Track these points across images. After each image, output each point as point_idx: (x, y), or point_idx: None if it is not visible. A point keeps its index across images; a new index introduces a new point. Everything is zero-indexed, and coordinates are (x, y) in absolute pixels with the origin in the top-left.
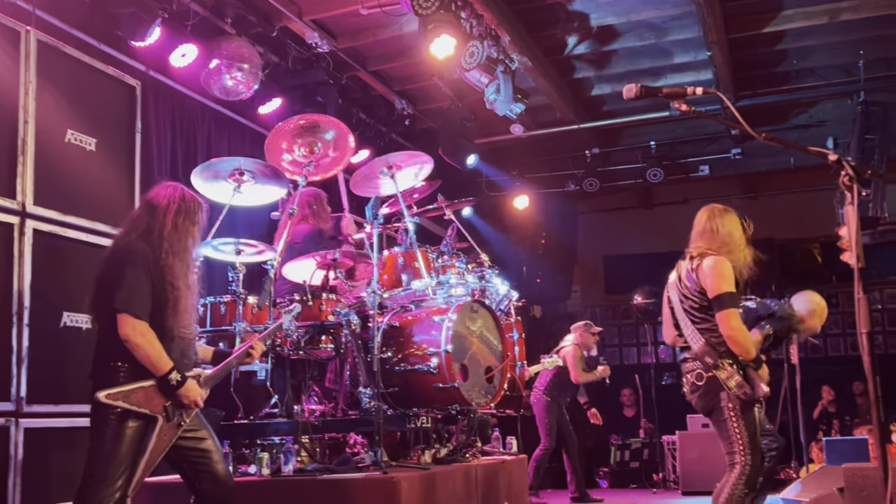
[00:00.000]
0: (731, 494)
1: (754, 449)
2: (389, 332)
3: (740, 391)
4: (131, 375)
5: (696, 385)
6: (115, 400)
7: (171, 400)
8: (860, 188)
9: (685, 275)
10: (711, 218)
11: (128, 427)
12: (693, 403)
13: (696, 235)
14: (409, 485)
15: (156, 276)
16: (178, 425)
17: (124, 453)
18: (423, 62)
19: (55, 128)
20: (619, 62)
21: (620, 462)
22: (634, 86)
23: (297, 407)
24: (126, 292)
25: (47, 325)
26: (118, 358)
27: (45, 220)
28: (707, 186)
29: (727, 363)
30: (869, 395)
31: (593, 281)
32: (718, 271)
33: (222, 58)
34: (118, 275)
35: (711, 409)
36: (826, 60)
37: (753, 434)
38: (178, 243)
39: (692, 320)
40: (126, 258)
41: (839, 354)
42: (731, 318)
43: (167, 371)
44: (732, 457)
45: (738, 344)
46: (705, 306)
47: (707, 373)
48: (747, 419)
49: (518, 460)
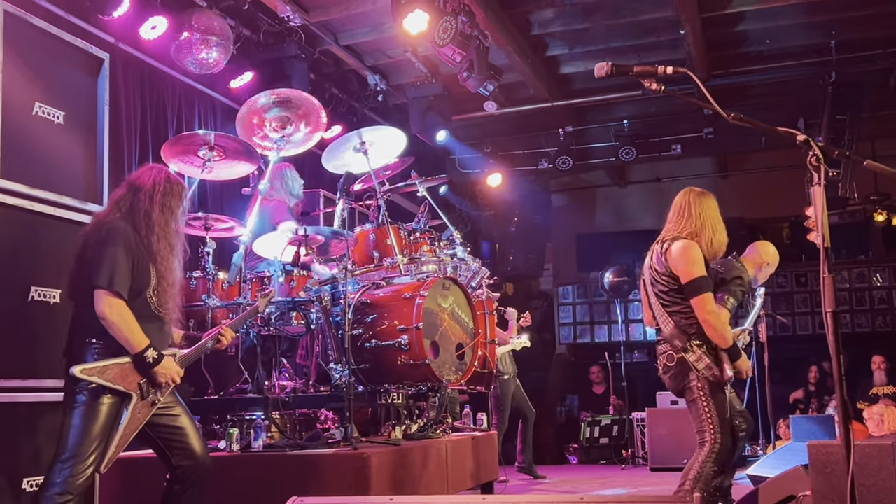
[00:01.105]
0: (699, 472)
1: (724, 428)
2: (360, 308)
3: (709, 373)
4: (106, 352)
5: (667, 366)
6: (89, 375)
7: (147, 378)
8: (827, 168)
9: (655, 258)
10: (687, 201)
11: (102, 403)
12: (666, 384)
13: (670, 218)
14: (379, 460)
15: (138, 255)
16: (152, 403)
17: (97, 430)
18: (397, 37)
19: (22, 100)
20: (592, 40)
21: (590, 438)
22: (606, 64)
23: (268, 383)
24: (107, 270)
25: (13, 299)
26: (93, 335)
27: (11, 194)
28: (679, 165)
29: (696, 345)
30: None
31: (566, 259)
32: (688, 256)
33: (193, 31)
34: (100, 253)
35: (682, 389)
36: (798, 40)
37: (724, 414)
38: (163, 225)
39: (662, 303)
40: (108, 237)
41: (807, 333)
42: (706, 302)
43: (143, 348)
44: (703, 435)
45: (715, 329)
46: (674, 289)
47: (677, 354)
48: (717, 399)
49: (488, 436)
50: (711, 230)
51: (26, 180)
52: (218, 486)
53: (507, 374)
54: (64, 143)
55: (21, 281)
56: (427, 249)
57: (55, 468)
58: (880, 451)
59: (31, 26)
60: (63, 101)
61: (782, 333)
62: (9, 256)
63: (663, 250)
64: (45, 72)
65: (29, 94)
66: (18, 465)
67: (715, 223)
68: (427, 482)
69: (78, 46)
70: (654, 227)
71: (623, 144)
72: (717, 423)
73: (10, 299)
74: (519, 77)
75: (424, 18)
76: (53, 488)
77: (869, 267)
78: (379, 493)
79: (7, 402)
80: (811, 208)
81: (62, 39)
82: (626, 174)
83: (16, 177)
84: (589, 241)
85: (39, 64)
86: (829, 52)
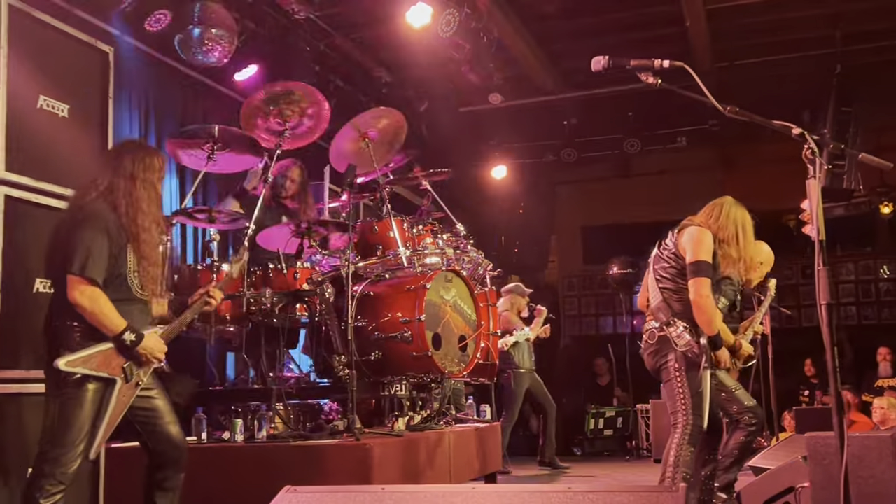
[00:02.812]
0: (677, 456)
1: (696, 409)
2: (364, 300)
3: (687, 349)
4: (86, 335)
5: (647, 343)
6: (74, 367)
7: (130, 359)
8: (822, 162)
9: (668, 239)
10: (717, 204)
11: (86, 391)
12: (646, 363)
13: (698, 214)
14: (383, 451)
15: (117, 237)
16: (136, 385)
17: (84, 418)
18: (401, 29)
19: (27, 94)
20: (597, 32)
21: (595, 430)
22: (602, 58)
23: (272, 374)
24: (81, 256)
25: (18, 290)
26: (75, 317)
27: (17, 187)
28: (685, 157)
29: (680, 322)
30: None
31: (570, 251)
32: (698, 238)
33: (197, 23)
34: (75, 237)
35: (659, 368)
36: (803, 32)
37: (697, 393)
38: (144, 200)
39: (657, 279)
40: (84, 220)
41: (813, 325)
42: (702, 285)
43: (120, 331)
44: (675, 416)
45: (704, 312)
46: (675, 268)
47: (659, 332)
48: (691, 379)
49: (492, 428)
50: (737, 239)
51: (31, 173)
52: (222, 475)
53: (524, 368)
54: (69, 137)
55: (26, 273)
56: (430, 242)
57: (44, 459)
58: (879, 443)
59: (35, 20)
60: (68, 95)
61: (788, 325)
62: (14, 249)
63: (676, 231)
64: (50, 65)
65: (34, 88)
66: (26, 455)
67: (738, 232)
68: (430, 473)
69: (82, 40)
70: (660, 220)
71: (628, 136)
72: (689, 403)
73: (14, 291)
74: (524, 69)
75: (428, 11)
76: (44, 479)
77: (875, 259)
78: (382, 483)
79: (13, 392)
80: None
81: (67, 33)
82: (631, 166)
83: (21, 170)
84: (594, 234)
85: (44, 57)
86: (834, 43)
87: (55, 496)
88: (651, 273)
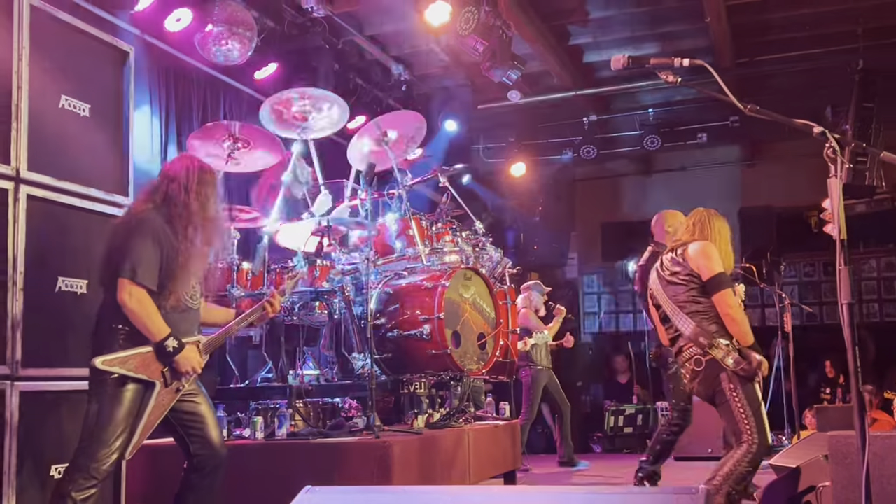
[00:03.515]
0: (732, 470)
1: (760, 427)
2: (383, 298)
3: (738, 367)
4: (130, 339)
5: (695, 371)
6: (111, 366)
7: (168, 366)
8: (843, 160)
9: (669, 264)
10: (704, 218)
11: (126, 391)
12: (694, 392)
13: (684, 230)
14: (402, 449)
15: (168, 247)
16: (176, 390)
17: (122, 417)
18: (420, 27)
19: (49, 93)
20: (616, 28)
21: (614, 428)
22: (622, 56)
23: (292, 372)
24: (132, 261)
25: (42, 289)
26: (120, 321)
27: (39, 186)
28: (705, 154)
29: (722, 342)
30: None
31: (590, 248)
32: (708, 254)
33: (217, 22)
34: (128, 243)
35: (713, 393)
36: (825, 27)
37: (758, 410)
38: (199, 213)
39: (679, 306)
40: (137, 227)
41: (835, 322)
42: (728, 296)
43: (163, 338)
44: (740, 436)
45: (738, 322)
46: (693, 289)
47: (705, 357)
48: (749, 396)
49: (511, 426)
50: (718, 245)
51: (53, 172)
52: (242, 473)
53: (541, 366)
54: (90, 136)
55: (49, 272)
56: (449, 240)
57: (80, 454)
58: None
59: (57, 20)
60: (89, 94)
61: (809, 323)
62: (37, 248)
63: (679, 253)
64: (72, 65)
65: (55, 88)
66: (47, 452)
67: (720, 241)
68: (449, 471)
69: (103, 39)
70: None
71: (648, 133)
72: (752, 422)
73: (38, 290)
74: (542, 66)
75: (446, 9)
76: (78, 473)
77: None
78: (401, 481)
79: (36, 390)
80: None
81: (88, 33)
82: (651, 163)
83: (43, 169)
84: (613, 230)
85: (65, 57)
86: (856, 38)
87: (88, 490)
88: (665, 303)
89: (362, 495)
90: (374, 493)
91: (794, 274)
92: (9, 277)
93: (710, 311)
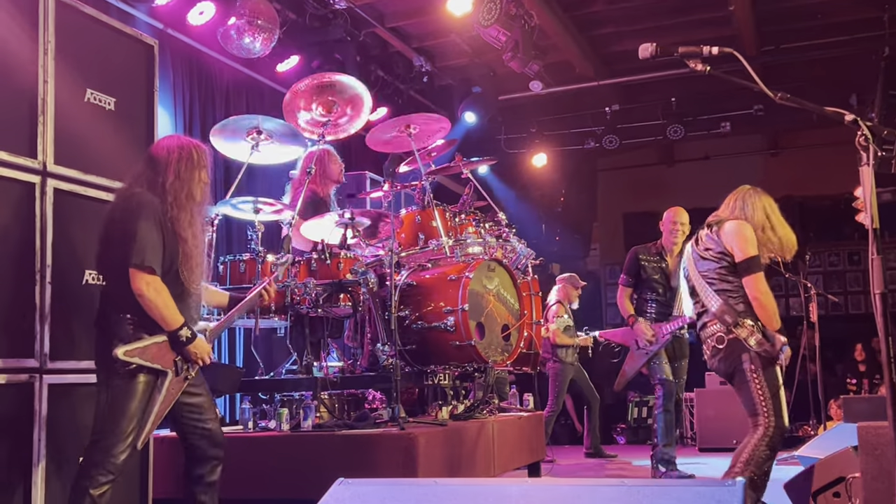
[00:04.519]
0: (751, 455)
1: (777, 409)
2: (407, 290)
3: (761, 349)
4: (139, 327)
5: (716, 349)
6: (132, 356)
7: (181, 355)
8: (877, 149)
9: (705, 238)
10: (738, 196)
11: (138, 382)
12: (713, 368)
13: (723, 207)
14: (427, 440)
15: (166, 228)
16: (184, 379)
17: (134, 408)
18: (442, 18)
19: (74, 87)
20: (638, 17)
21: (638, 419)
22: (651, 45)
23: (316, 364)
24: (140, 246)
25: (69, 282)
26: (128, 310)
27: (65, 180)
28: (729, 143)
29: (748, 322)
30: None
31: (612, 238)
32: (743, 234)
33: (240, 15)
34: (130, 229)
35: (733, 371)
36: (850, 14)
37: (776, 393)
38: (181, 193)
39: (708, 282)
40: (137, 211)
41: (860, 312)
42: (759, 281)
43: (178, 327)
44: (756, 419)
45: (765, 308)
46: (725, 267)
47: (728, 335)
48: (769, 378)
49: (535, 417)
50: (764, 225)
51: (80, 166)
52: (269, 464)
53: (568, 359)
54: (115, 129)
55: (76, 265)
56: (472, 231)
57: (95, 449)
58: None
59: (81, 14)
60: (114, 88)
61: (834, 312)
62: (64, 241)
63: (715, 230)
64: (96, 59)
65: (81, 82)
66: (74, 445)
67: (763, 220)
68: (474, 462)
69: (128, 33)
70: (703, 206)
71: (671, 122)
72: (770, 404)
73: (65, 283)
74: (564, 56)
75: (469, 0)
76: (94, 468)
77: None
78: (426, 472)
79: (64, 383)
80: (860, 189)
81: (113, 27)
82: (674, 152)
83: (69, 163)
84: (636, 221)
85: (90, 51)
86: (882, 25)
87: (104, 486)
88: (695, 277)
89: (395, 487)
90: (408, 486)
91: (818, 264)
92: (37, 271)
93: (739, 290)
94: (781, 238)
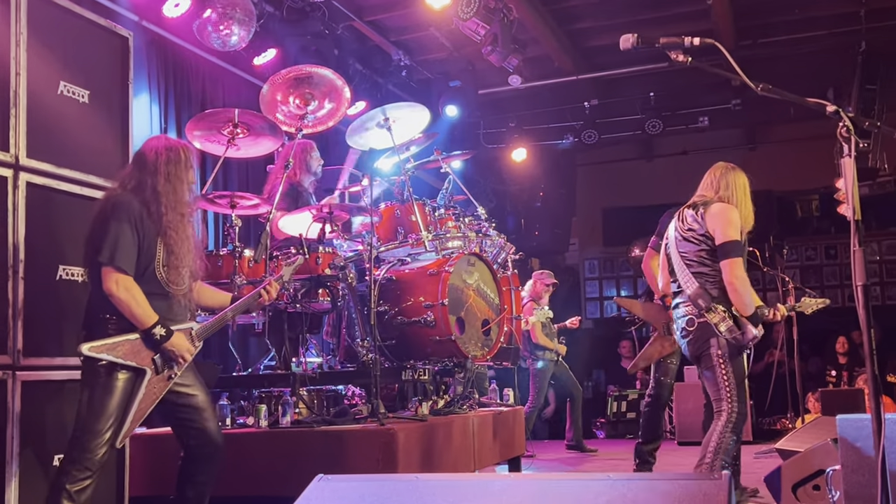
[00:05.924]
0: (718, 443)
1: (741, 396)
2: (386, 285)
3: (730, 335)
4: (120, 327)
5: (686, 330)
6: (98, 352)
7: (159, 353)
8: (858, 140)
9: (689, 219)
10: (722, 172)
11: (116, 379)
12: (684, 350)
13: (704, 186)
14: (406, 436)
15: (146, 229)
16: (168, 378)
17: (113, 405)
18: (420, 12)
19: (47, 80)
20: (617, 12)
21: (617, 413)
22: (631, 35)
23: (295, 359)
24: (110, 246)
25: (42, 278)
26: (107, 310)
27: (38, 173)
28: (707, 137)
29: (720, 308)
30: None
31: (592, 233)
32: (727, 218)
33: (216, 8)
34: (103, 229)
35: (700, 354)
36: (827, 9)
37: (741, 381)
38: (171, 194)
39: (686, 264)
40: (111, 212)
41: (837, 306)
42: (735, 266)
43: (151, 325)
44: (719, 404)
45: (739, 294)
46: (705, 250)
47: (699, 318)
48: (735, 365)
49: (515, 412)
50: (741, 202)
51: (53, 160)
52: (247, 461)
53: (549, 354)
54: (89, 122)
55: (49, 260)
56: (452, 225)
57: (73, 446)
58: None
59: (55, 5)
60: (88, 80)
61: None
62: (37, 236)
63: (700, 212)
64: (70, 51)
65: (54, 74)
66: (49, 442)
67: (742, 197)
68: (454, 457)
69: (102, 25)
70: (681, 201)
71: (649, 117)
72: (734, 390)
73: (38, 278)
74: (544, 50)
75: None
76: (72, 465)
77: None
78: (406, 468)
79: (37, 379)
80: (841, 180)
81: (87, 18)
82: (653, 147)
83: (42, 156)
84: (615, 216)
85: (64, 43)
86: (858, 20)
87: (82, 482)
88: (675, 256)
89: (376, 483)
90: (388, 482)
91: (795, 258)
92: (9, 266)
93: (717, 275)
94: (747, 214)
